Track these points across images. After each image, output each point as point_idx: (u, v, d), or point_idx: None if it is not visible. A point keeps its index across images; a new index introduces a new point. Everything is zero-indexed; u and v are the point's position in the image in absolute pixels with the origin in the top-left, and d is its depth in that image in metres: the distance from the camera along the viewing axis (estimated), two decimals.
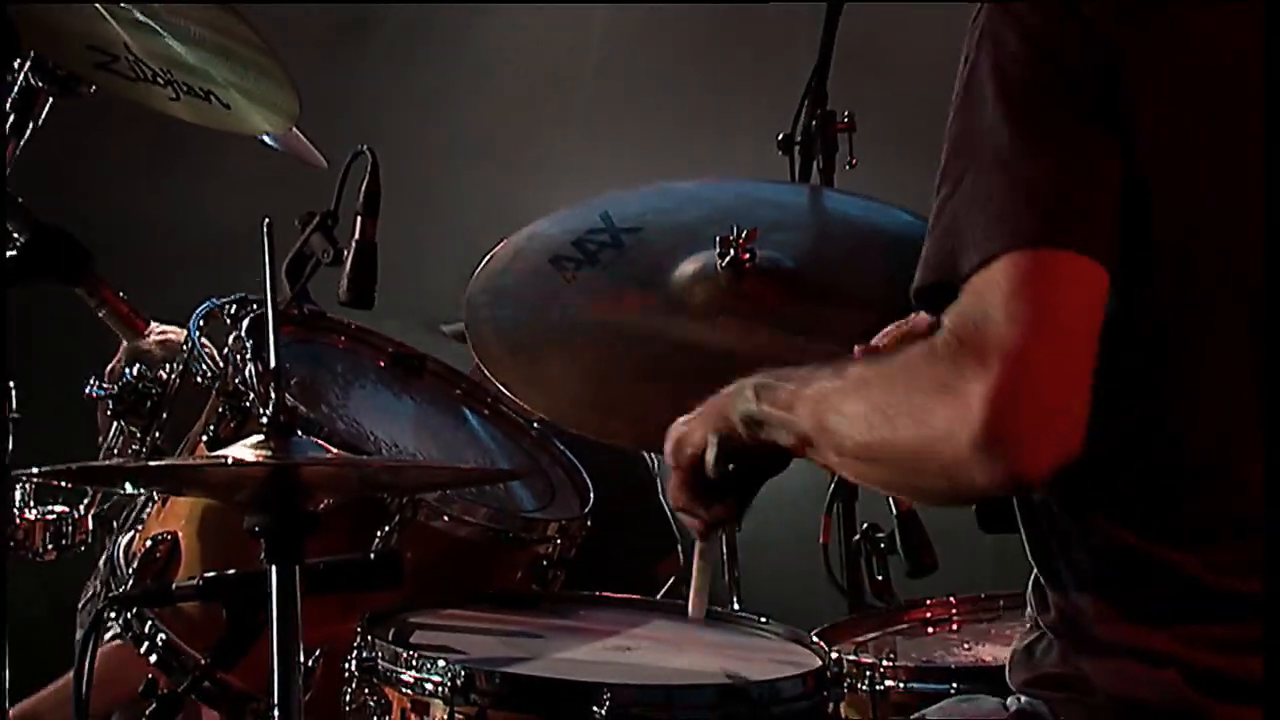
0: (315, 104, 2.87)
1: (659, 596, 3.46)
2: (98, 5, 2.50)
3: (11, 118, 2.56)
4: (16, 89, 2.55)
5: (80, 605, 3.18)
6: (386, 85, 5.46)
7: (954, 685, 2.60)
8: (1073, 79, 1.75)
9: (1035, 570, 1.93)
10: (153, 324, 3.11)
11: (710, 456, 2.03)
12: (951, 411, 1.68)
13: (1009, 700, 1.96)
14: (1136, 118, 1.75)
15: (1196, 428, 1.79)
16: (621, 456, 3.39)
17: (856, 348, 2.32)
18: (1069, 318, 1.70)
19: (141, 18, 2.54)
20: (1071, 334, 1.69)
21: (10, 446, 2.31)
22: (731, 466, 2.03)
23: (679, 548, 4.06)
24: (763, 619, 2.82)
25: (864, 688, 2.61)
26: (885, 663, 2.63)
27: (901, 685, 2.61)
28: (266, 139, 3.19)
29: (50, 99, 2.60)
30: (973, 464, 1.67)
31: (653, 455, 3.65)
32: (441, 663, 2.47)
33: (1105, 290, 1.72)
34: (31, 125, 2.60)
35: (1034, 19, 1.77)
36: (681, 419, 2.07)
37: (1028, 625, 1.95)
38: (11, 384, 2.30)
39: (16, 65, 2.53)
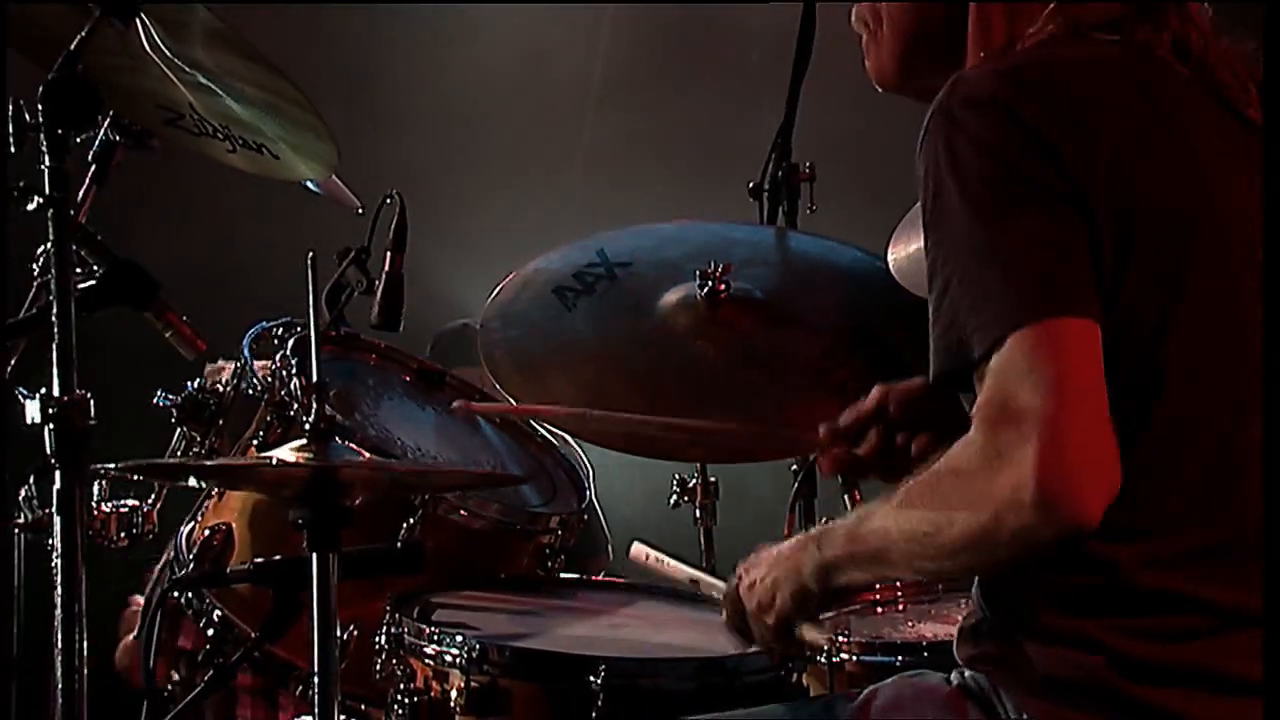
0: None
1: None
2: (166, 71, 2.51)
3: (94, 167, 2.58)
4: (98, 143, 2.58)
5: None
6: (401, 139, 5.47)
7: (899, 658, 2.64)
8: (1021, 172, 1.73)
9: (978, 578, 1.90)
10: (220, 361, 3.14)
11: (795, 621, 1.98)
12: (1007, 481, 1.65)
13: (953, 675, 1.93)
14: (1085, 193, 1.73)
15: (1139, 434, 1.74)
16: (561, 459, 3.43)
17: (821, 428, 2.26)
18: (1081, 375, 1.67)
19: (203, 80, 2.54)
20: (1089, 389, 1.67)
21: (90, 448, 2.27)
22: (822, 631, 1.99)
23: (609, 547, 4.10)
24: None
25: (822, 660, 2.63)
26: (840, 638, 2.65)
27: (854, 658, 2.65)
28: (309, 184, 3.20)
29: (125, 151, 2.62)
30: (1039, 523, 1.64)
31: (587, 458, 3.63)
32: (459, 638, 2.53)
33: (1100, 339, 1.69)
34: (110, 174, 2.62)
35: (979, 128, 1.76)
36: (752, 577, 2.02)
37: (973, 606, 1.92)
38: (90, 394, 2.26)
39: (98, 122, 2.55)
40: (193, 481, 2.91)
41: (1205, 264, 1.78)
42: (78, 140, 2.33)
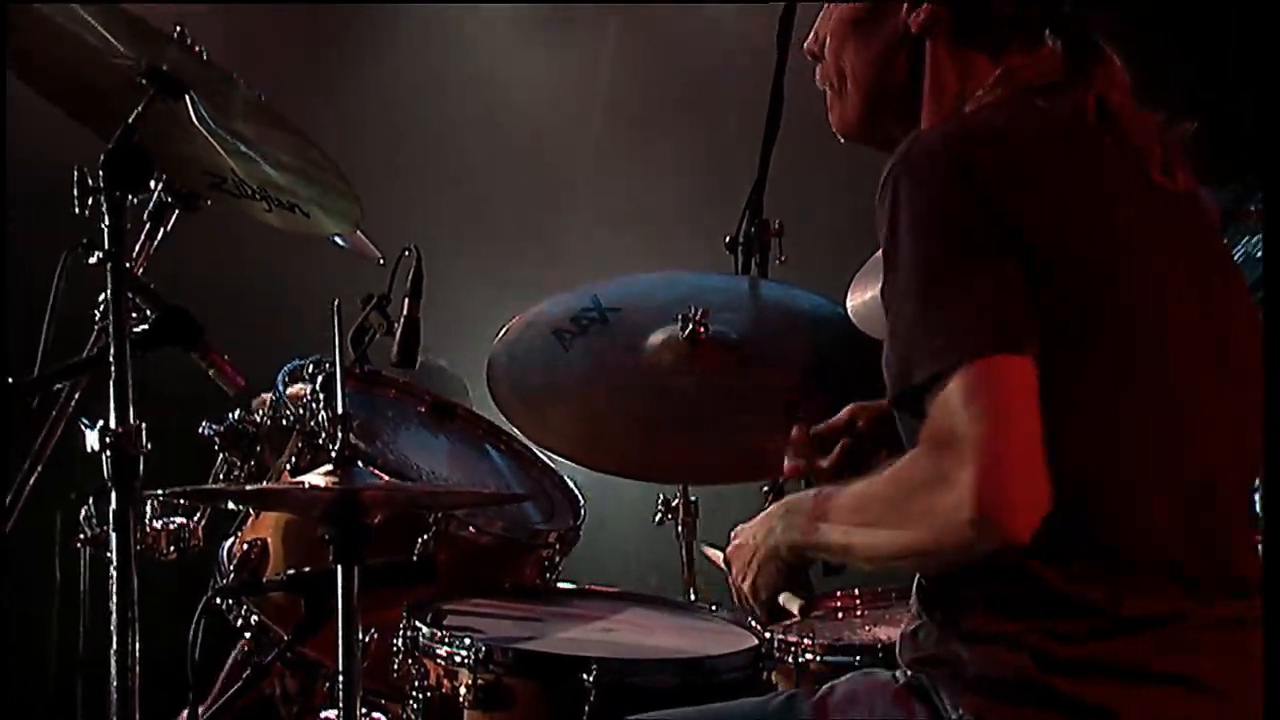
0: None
1: None
2: (211, 140, 2.51)
3: (148, 225, 2.59)
4: (152, 204, 2.59)
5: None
6: (419, 198, 5.45)
7: (857, 658, 2.63)
8: (969, 221, 1.72)
9: (920, 574, 1.89)
10: (263, 395, 3.14)
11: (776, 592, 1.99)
12: (948, 502, 1.64)
13: (898, 673, 1.91)
14: (1025, 243, 1.71)
15: (1057, 470, 1.69)
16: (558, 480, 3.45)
17: (795, 428, 2.25)
18: (1016, 408, 1.65)
19: (243, 149, 2.53)
20: (1023, 419, 1.66)
21: (141, 474, 2.31)
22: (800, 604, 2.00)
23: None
24: (713, 607, 2.86)
25: (790, 660, 2.64)
26: (806, 640, 2.65)
27: (818, 658, 2.64)
28: (336, 239, 3.21)
29: (176, 211, 2.63)
30: (975, 538, 1.64)
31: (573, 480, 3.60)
32: (467, 640, 2.53)
33: (1035, 375, 1.67)
34: (162, 231, 2.62)
35: (933, 180, 1.75)
36: (738, 572, 2.01)
37: (913, 614, 1.90)
38: (142, 425, 2.29)
39: (151, 186, 2.55)
40: (232, 504, 2.95)
41: (1121, 313, 1.78)
42: (134, 201, 2.35)
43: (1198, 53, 5.11)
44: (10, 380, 2.09)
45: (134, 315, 2.36)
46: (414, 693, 2.58)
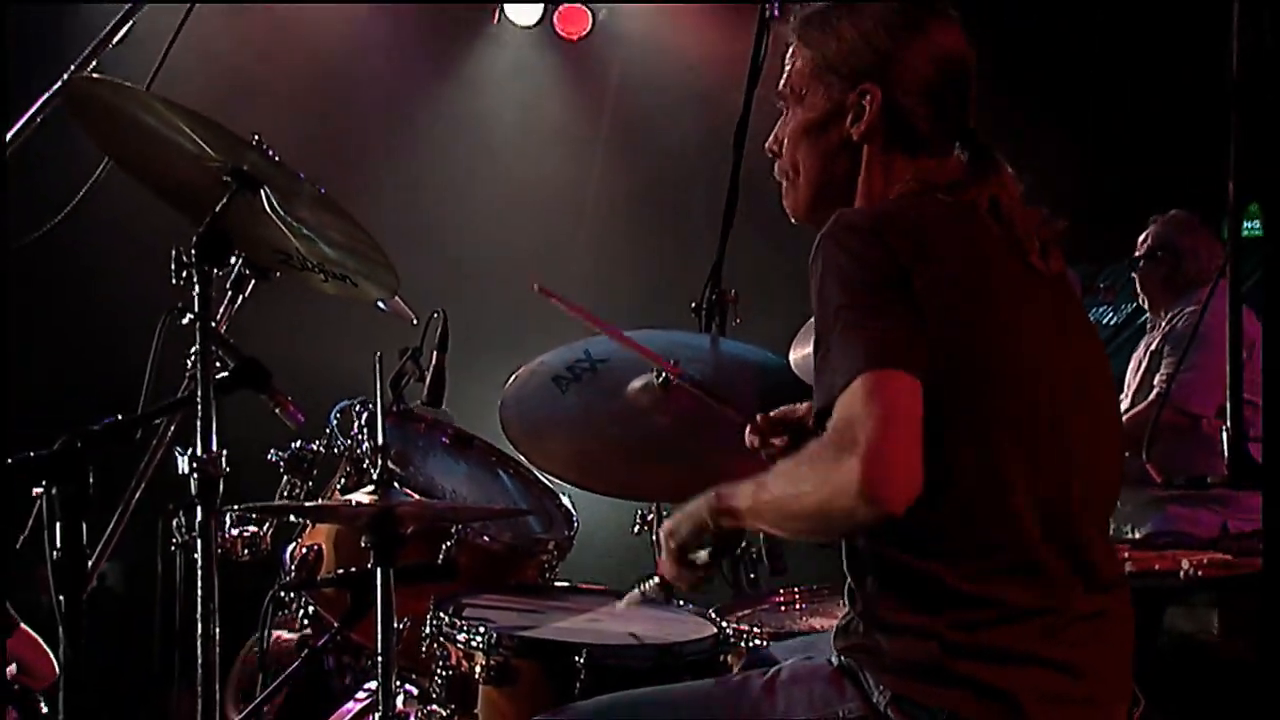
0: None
1: None
2: (280, 225, 2.50)
3: (229, 293, 2.58)
4: (233, 276, 2.58)
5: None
6: (444, 267, 5.43)
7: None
8: (879, 275, 1.75)
9: (849, 577, 1.89)
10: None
11: (690, 548, 1.96)
12: (840, 478, 1.65)
13: (832, 658, 1.91)
14: (920, 302, 1.74)
15: (951, 490, 1.74)
16: (556, 499, 3.40)
17: (757, 416, 2.26)
18: (900, 410, 1.67)
19: (305, 231, 2.53)
20: (905, 421, 1.67)
21: (220, 491, 2.30)
22: (708, 550, 1.96)
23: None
24: (681, 603, 2.83)
25: (743, 644, 2.60)
26: (755, 629, 2.63)
27: (765, 644, 2.57)
28: (379, 304, 3.14)
29: (252, 281, 2.61)
30: (858, 508, 1.65)
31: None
32: (482, 629, 2.53)
33: (920, 391, 1.69)
34: (241, 297, 2.61)
35: (854, 243, 1.78)
36: (668, 522, 1.98)
37: (844, 609, 1.92)
38: (223, 452, 2.29)
39: (232, 261, 2.54)
40: (293, 517, 2.96)
41: (994, 359, 1.80)
42: (218, 274, 2.36)
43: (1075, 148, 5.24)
44: (120, 417, 2.07)
45: (217, 365, 2.35)
46: (438, 670, 2.58)
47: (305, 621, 2.95)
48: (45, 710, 3.50)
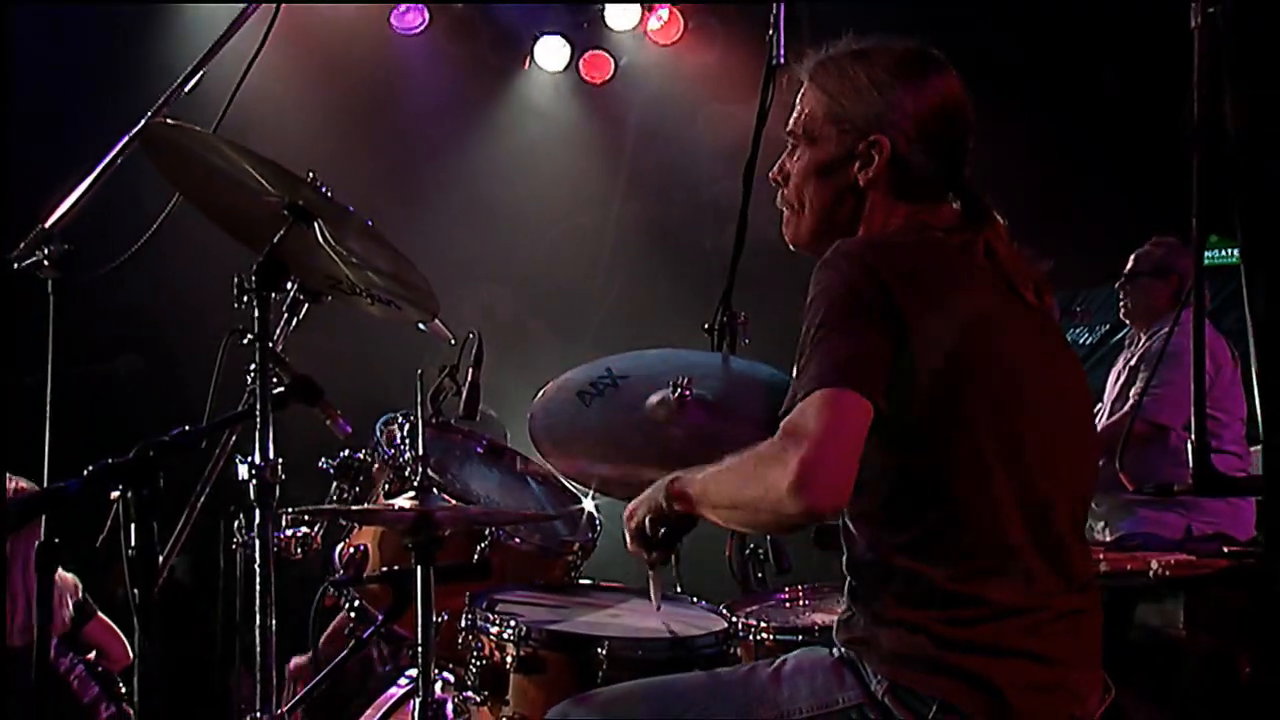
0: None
1: None
2: (332, 254, 2.49)
3: (286, 315, 2.59)
4: (289, 300, 2.58)
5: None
6: (478, 295, 5.47)
7: (800, 636, 2.54)
8: (863, 304, 1.75)
9: (849, 576, 1.89)
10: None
11: (648, 526, 1.97)
12: (777, 473, 1.66)
13: (833, 650, 1.91)
14: (905, 325, 1.74)
15: (938, 502, 1.76)
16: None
17: None
18: (845, 426, 1.67)
19: (354, 260, 2.53)
20: (848, 436, 1.67)
21: (277, 496, 2.33)
22: (664, 530, 1.97)
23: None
24: (694, 599, 2.82)
25: (750, 638, 2.58)
26: (762, 623, 2.59)
27: (771, 637, 2.56)
28: (420, 325, 3.15)
29: (306, 305, 2.62)
30: (788, 504, 1.65)
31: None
32: (513, 622, 2.51)
33: (870, 412, 1.69)
34: (296, 320, 2.62)
35: (846, 269, 1.78)
36: (631, 503, 1.99)
37: (845, 605, 1.92)
38: (279, 460, 2.32)
39: (289, 287, 2.56)
40: (341, 519, 2.94)
41: (982, 381, 1.79)
42: (275, 298, 2.38)
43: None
44: (187, 428, 2.09)
45: (274, 381, 2.36)
46: (473, 660, 2.56)
47: (353, 614, 2.92)
48: (124, 689, 3.54)
